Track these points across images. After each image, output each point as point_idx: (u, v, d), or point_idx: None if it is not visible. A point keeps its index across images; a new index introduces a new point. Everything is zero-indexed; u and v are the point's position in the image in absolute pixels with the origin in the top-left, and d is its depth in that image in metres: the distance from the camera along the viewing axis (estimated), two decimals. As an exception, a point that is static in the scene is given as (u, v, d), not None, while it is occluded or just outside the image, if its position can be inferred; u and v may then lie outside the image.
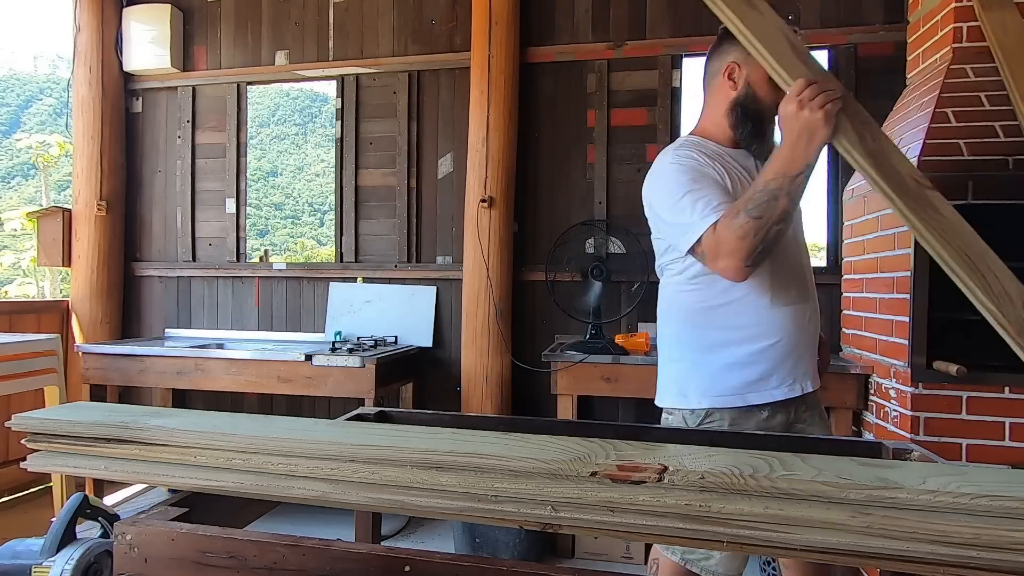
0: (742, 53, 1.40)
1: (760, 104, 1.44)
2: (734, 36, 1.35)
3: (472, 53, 3.14)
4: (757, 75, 1.41)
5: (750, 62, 1.40)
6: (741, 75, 1.46)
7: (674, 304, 1.53)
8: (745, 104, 1.46)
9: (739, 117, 1.47)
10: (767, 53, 1.25)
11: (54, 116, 19.30)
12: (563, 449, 0.88)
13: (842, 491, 0.74)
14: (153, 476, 0.99)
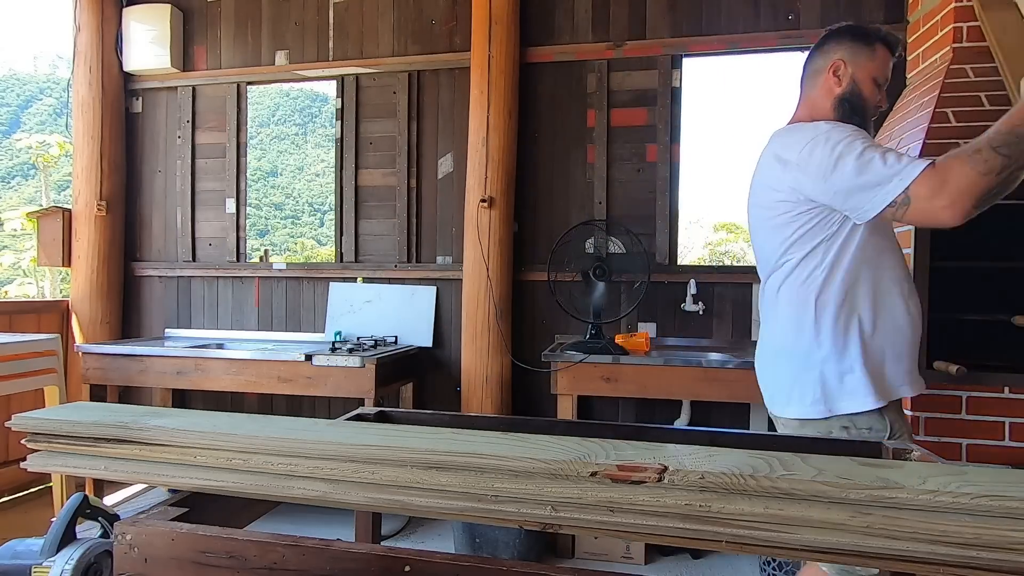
0: (848, 51, 1.52)
1: (863, 100, 1.52)
2: (839, 35, 1.54)
3: (472, 53, 3.14)
4: (862, 73, 1.51)
5: (856, 61, 1.51)
6: (847, 72, 1.52)
7: (817, 298, 1.45)
8: (851, 99, 1.52)
9: (846, 111, 1.52)
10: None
11: (54, 116, 19.30)
12: (563, 449, 0.88)
13: (842, 491, 0.73)
14: (153, 476, 0.99)
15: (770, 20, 3.00)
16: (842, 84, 1.53)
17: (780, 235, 1.49)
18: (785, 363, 1.51)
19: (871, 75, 1.50)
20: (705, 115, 9.82)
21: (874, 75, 1.51)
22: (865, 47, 1.52)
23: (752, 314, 3.02)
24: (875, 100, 1.52)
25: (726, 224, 13.26)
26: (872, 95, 1.52)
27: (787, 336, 1.50)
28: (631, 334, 2.82)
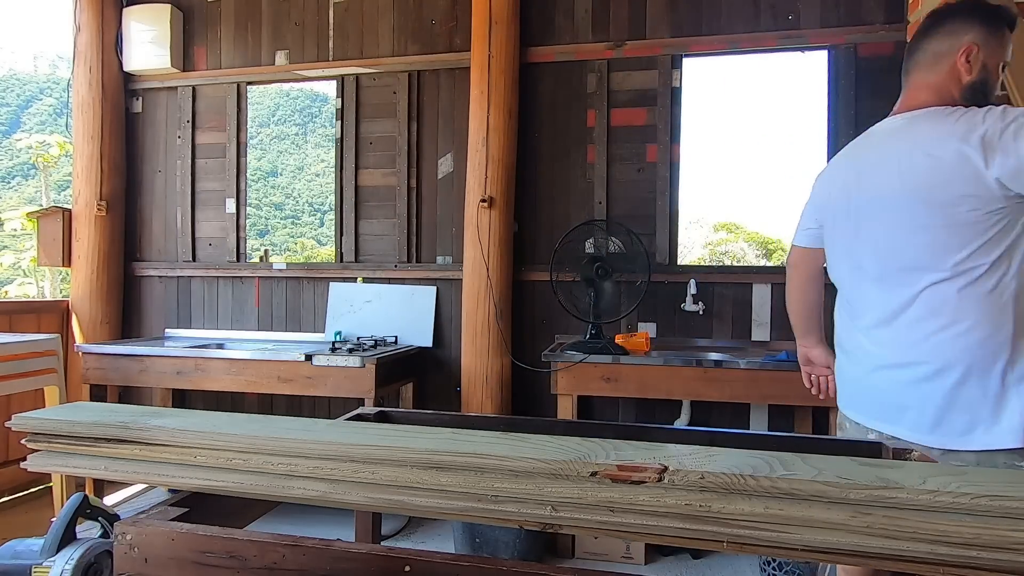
0: (980, 34, 1.37)
1: (990, 88, 1.40)
2: (968, 14, 1.37)
3: (472, 53, 3.14)
4: (993, 60, 1.38)
5: (989, 44, 1.37)
6: (979, 58, 1.38)
7: (1016, 310, 1.28)
8: (982, 87, 1.39)
9: (977, 99, 1.38)
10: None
11: (54, 116, 19.30)
12: (563, 449, 0.88)
13: (842, 491, 0.73)
14: (153, 476, 0.99)
15: (770, 20, 3.00)
16: (973, 71, 1.38)
17: (960, 236, 1.28)
18: (977, 384, 1.28)
19: (1000, 61, 1.38)
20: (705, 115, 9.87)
21: (1002, 62, 1.39)
22: (997, 31, 1.38)
23: (752, 314, 3.02)
24: (998, 88, 1.41)
25: (726, 224, 13.27)
26: (997, 83, 1.40)
27: (979, 352, 1.28)
28: (631, 334, 2.82)
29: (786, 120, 20.57)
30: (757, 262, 12.10)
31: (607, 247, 3.00)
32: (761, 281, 3.02)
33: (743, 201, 21.18)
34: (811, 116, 3.07)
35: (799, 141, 16.02)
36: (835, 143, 2.92)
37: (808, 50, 3.02)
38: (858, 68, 2.91)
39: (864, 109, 2.87)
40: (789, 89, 17.47)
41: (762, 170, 18.78)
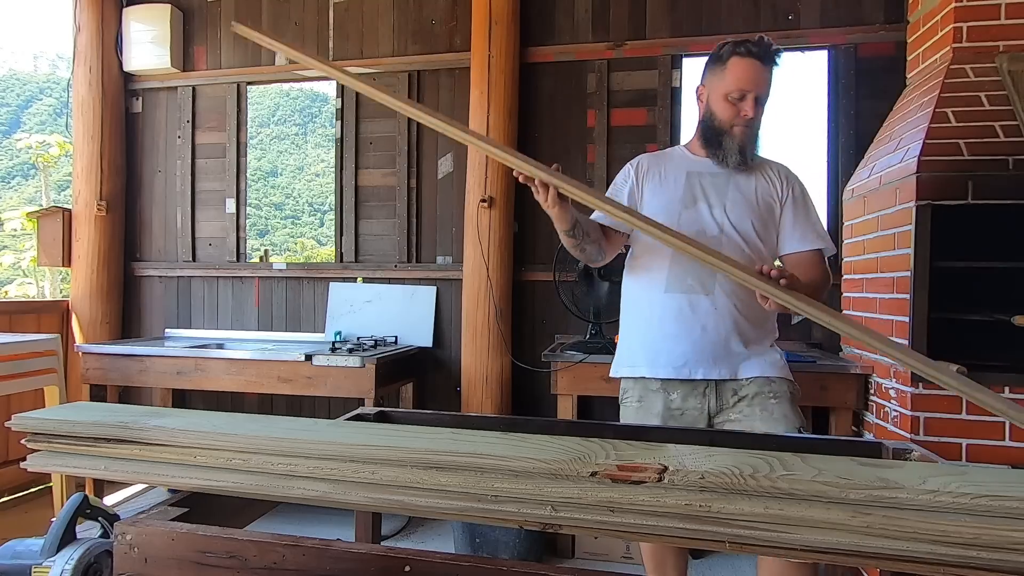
0: (706, 76, 1.70)
1: (715, 120, 1.67)
2: (710, 60, 1.68)
3: (472, 53, 3.14)
4: (714, 95, 1.67)
5: (710, 84, 1.68)
6: (704, 96, 1.72)
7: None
8: (706, 122, 1.71)
9: (702, 133, 1.73)
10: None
11: (54, 116, 19.29)
12: (563, 449, 0.88)
13: (842, 491, 0.74)
14: (153, 476, 0.99)
15: (770, 20, 3.00)
16: (701, 109, 1.73)
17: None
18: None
19: (722, 93, 1.63)
20: (705, 115, 9.72)
21: (725, 92, 1.63)
22: (717, 66, 1.66)
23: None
24: (730, 116, 1.64)
25: (726, 224, 13.23)
26: (725, 112, 1.64)
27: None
28: (631, 334, 2.82)
29: (786, 120, 20.50)
30: (757, 262, 12.07)
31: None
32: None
33: (743, 201, 21.08)
34: (811, 116, 3.07)
35: (799, 141, 15.97)
36: (835, 143, 2.92)
37: (808, 50, 3.01)
38: (858, 68, 2.91)
39: (864, 109, 2.87)
40: (789, 89, 17.43)
41: (762, 170, 18.64)
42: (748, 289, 1.51)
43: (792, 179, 1.73)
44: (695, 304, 1.63)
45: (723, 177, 1.69)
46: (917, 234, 2.07)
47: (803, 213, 1.71)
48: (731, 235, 1.64)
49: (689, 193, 1.69)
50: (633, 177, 1.79)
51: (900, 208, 2.18)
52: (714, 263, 1.35)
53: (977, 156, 2.06)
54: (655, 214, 1.63)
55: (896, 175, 2.21)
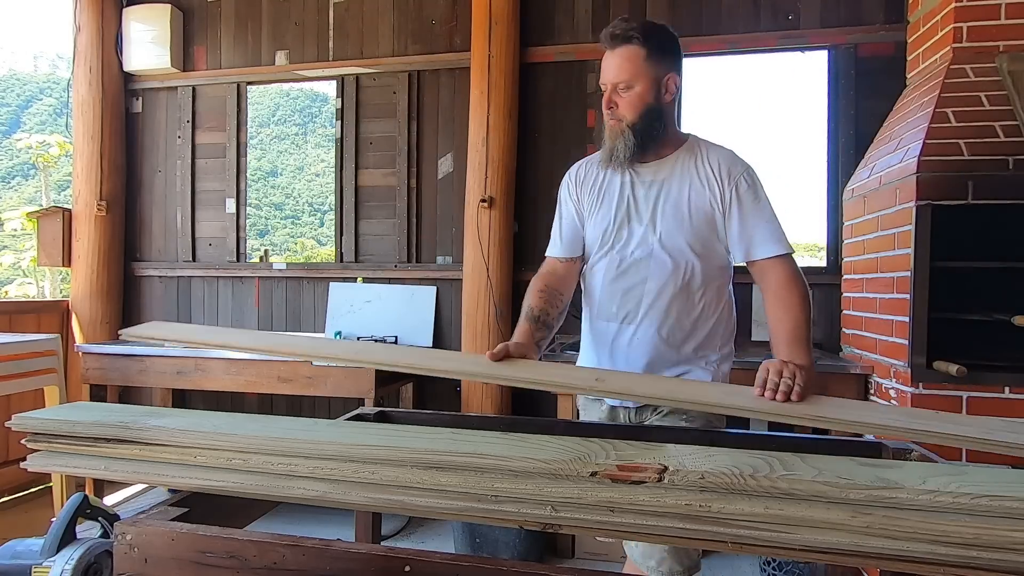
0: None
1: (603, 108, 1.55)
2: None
3: (472, 53, 3.14)
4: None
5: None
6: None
7: None
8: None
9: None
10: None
11: (54, 116, 19.29)
12: (563, 449, 0.88)
13: (842, 491, 0.74)
14: (153, 476, 0.99)
15: (770, 20, 3.00)
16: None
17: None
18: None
19: (602, 82, 1.53)
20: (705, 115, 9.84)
21: (600, 82, 1.54)
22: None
23: (752, 314, 3.02)
24: (605, 106, 1.51)
25: (726, 224, 13.24)
26: (605, 101, 1.52)
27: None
28: (631, 334, 2.82)
29: (786, 120, 20.53)
30: (757, 262, 12.07)
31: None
32: (761, 281, 3.02)
33: (743, 201, 21.08)
34: (811, 116, 3.07)
35: (799, 141, 15.97)
36: (835, 143, 2.92)
37: (808, 50, 3.01)
38: (858, 68, 2.91)
39: (864, 109, 2.87)
40: (789, 89, 17.44)
41: (762, 170, 18.71)
42: (675, 315, 1.48)
43: (736, 174, 1.49)
44: (619, 333, 1.54)
45: (654, 188, 1.51)
46: (917, 234, 2.07)
47: (751, 216, 1.47)
48: (661, 258, 1.49)
49: (622, 210, 1.54)
50: (576, 196, 1.64)
51: (900, 208, 2.18)
52: (718, 406, 1.26)
53: (977, 156, 2.06)
54: (594, 241, 1.58)
55: (896, 175, 2.21)
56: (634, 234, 1.52)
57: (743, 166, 1.51)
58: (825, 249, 2.98)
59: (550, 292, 1.59)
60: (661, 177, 1.51)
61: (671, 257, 1.49)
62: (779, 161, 17.80)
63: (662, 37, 1.51)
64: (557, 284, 1.62)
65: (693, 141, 1.55)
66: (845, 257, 2.76)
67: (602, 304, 1.57)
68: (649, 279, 1.50)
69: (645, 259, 1.50)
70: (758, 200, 1.48)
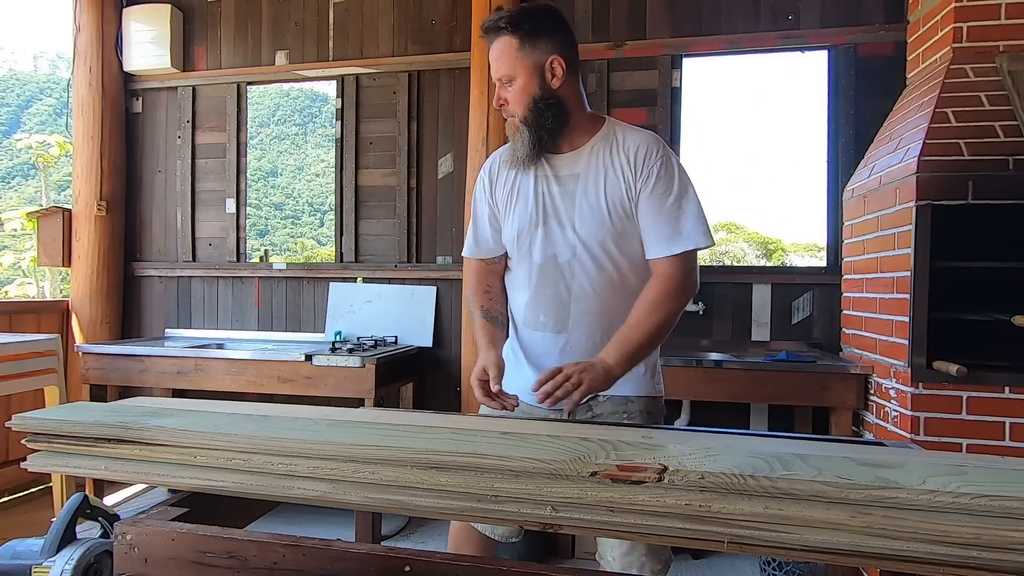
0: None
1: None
2: None
3: (472, 53, 3.13)
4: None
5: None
6: None
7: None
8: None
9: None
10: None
11: (54, 116, 19.30)
12: (563, 449, 0.88)
13: (842, 491, 0.73)
14: (153, 476, 0.99)
15: (770, 20, 3.00)
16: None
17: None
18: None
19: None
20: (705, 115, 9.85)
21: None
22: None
23: (752, 314, 3.02)
24: (495, 104, 1.42)
25: (726, 224, 13.26)
26: (495, 100, 1.43)
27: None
28: (631, 334, 2.82)
29: (786, 120, 20.54)
30: (757, 262, 12.09)
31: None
32: (761, 281, 3.02)
33: (743, 201, 21.18)
34: (811, 116, 3.07)
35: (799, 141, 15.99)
36: (835, 143, 2.92)
37: (808, 50, 3.01)
38: (858, 68, 2.91)
39: (864, 109, 2.87)
40: (789, 89, 17.45)
41: (762, 170, 18.78)
42: (606, 323, 1.39)
43: (651, 162, 1.36)
44: (549, 343, 1.44)
45: (570, 183, 1.40)
46: (917, 234, 2.07)
47: (653, 211, 1.36)
48: (585, 260, 1.39)
49: (538, 209, 1.42)
50: (489, 193, 1.52)
51: (900, 208, 2.18)
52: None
53: (977, 156, 2.06)
54: (511, 242, 1.48)
55: (896, 175, 2.21)
56: (553, 235, 1.41)
57: (658, 154, 1.37)
58: (825, 249, 2.98)
59: (492, 291, 1.54)
60: (577, 170, 1.40)
61: (596, 259, 1.39)
62: (779, 161, 17.73)
63: (534, 20, 1.36)
64: (496, 283, 1.56)
65: (609, 126, 1.42)
66: (845, 257, 2.76)
67: (528, 313, 1.46)
68: (575, 284, 1.40)
69: (568, 262, 1.40)
70: (666, 193, 1.36)
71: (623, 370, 1.27)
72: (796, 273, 3.07)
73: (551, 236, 1.41)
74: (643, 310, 1.33)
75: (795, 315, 2.98)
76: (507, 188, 1.47)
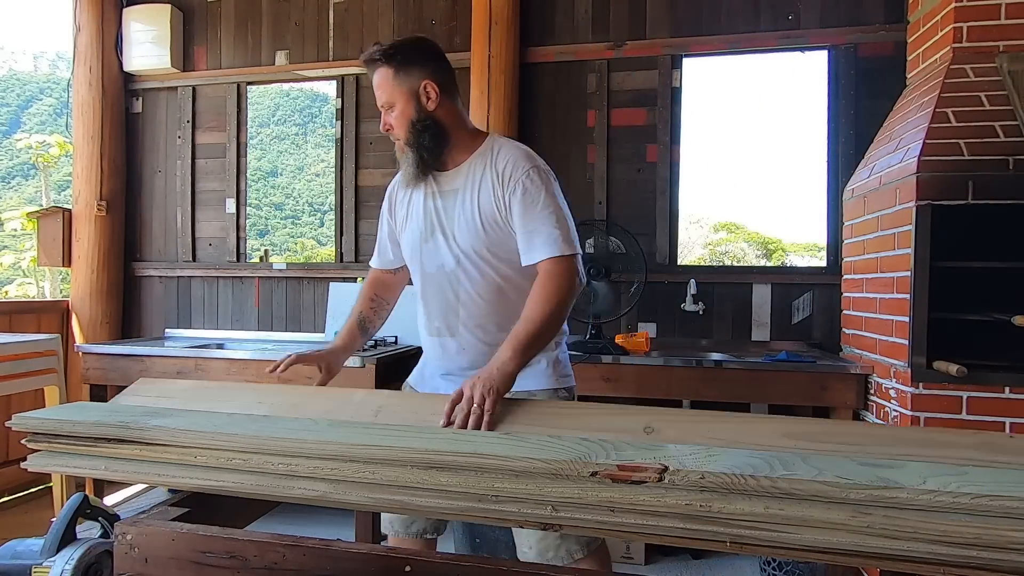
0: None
1: None
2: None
3: (472, 53, 3.14)
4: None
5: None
6: None
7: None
8: None
9: None
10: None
11: (54, 116, 19.29)
12: (563, 449, 0.88)
13: (842, 491, 0.74)
14: (154, 476, 0.99)
15: (770, 20, 3.00)
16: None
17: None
18: None
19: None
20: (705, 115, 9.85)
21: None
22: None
23: (752, 314, 3.02)
24: (382, 129, 1.56)
25: (726, 224, 13.25)
26: (381, 126, 1.56)
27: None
28: (631, 334, 2.82)
29: (786, 120, 20.54)
30: (757, 262, 12.09)
31: (607, 247, 2.99)
32: (761, 281, 3.02)
33: (743, 201, 21.16)
34: (811, 116, 3.07)
35: (799, 141, 15.99)
36: (835, 143, 2.92)
37: (808, 50, 3.01)
38: (858, 68, 2.91)
39: (864, 109, 2.87)
40: (789, 89, 17.45)
41: (762, 170, 18.77)
42: (495, 320, 1.50)
43: (518, 174, 1.45)
44: (446, 346, 1.60)
45: (451, 197, 1.51)
46: (917, 234, 2.07)
47: (524, 220, 1.44)
48: (466, 267, 1.50)
49: (427, 223, 1.54)
50: (391, 213, 1.66)
51: (900, 208, 2.18)
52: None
53: (977, 156, 2.06)
54: (408, 256, 1.64)
55: (896, 175, 2.21)
56: (439, 247, 1.53)
57: (525, 168, 1.46)
58: (825, 249, 2.98)
59: (379, 302, 1.73)
60: (456, 186, 1.51)
61: (475, 266, 1.50)
62: (779, 161, 17.80)
63: (406, 50, 1.51)
64: (385, 294, 1.75)
65: (488, 143, 1.53)
66: (845, 257, 2.76)
67: (425, 320, 1.64)
68: (460, 291, 1.53)
69: (454, 271, 1.52)
70: (534, 204, 1.43)
71: (518, 363, 1.31)
72: (796, 273, 3.07)
73: (438, 248, 1.54)
74: (529, 308, 1.40)
75: (795, 315, 2.98)
76: (404, 206, 1.61)
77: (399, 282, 1.77)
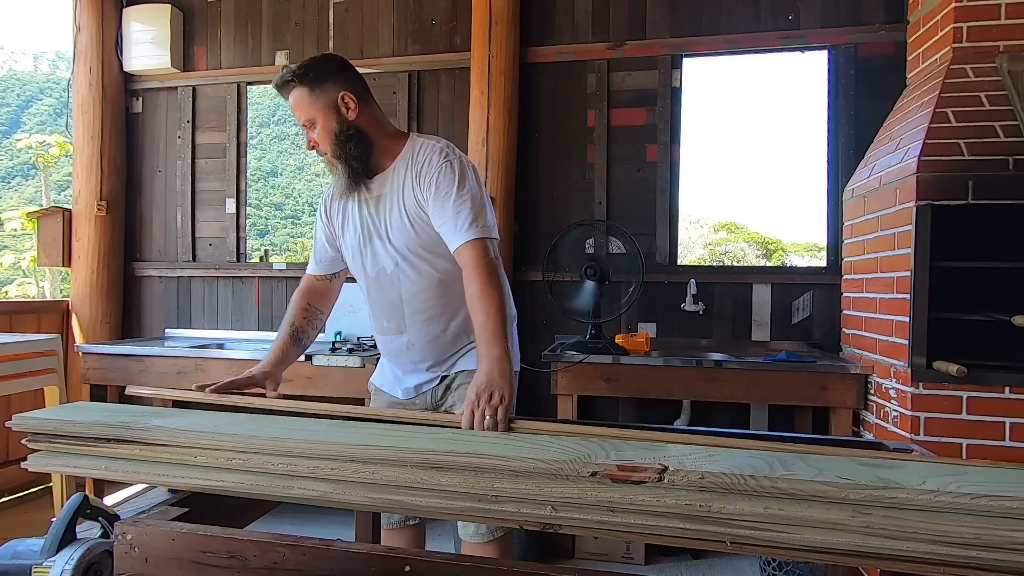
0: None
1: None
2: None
3: (472, 53, 3.14)
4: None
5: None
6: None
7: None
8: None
9: None
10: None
11: (54, 116, 19.29)
12: (563, 449, 0.88)
13: (842, 491, 0.74)
14: (154, 476, 0.99)
15: (770, 20, 3.00)
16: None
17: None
18: None
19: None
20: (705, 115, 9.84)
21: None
22: None
23: (752, 314, 3.02)
24: (308, 147, 1.57)
25: (726, 224, 13.25)
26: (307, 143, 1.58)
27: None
28: (631, 334, 2.82)
29: (786, 120, 20.52)
30: (757, 262, 12.10)
31: (607, 247, 3.00)
32: (761, 281, 3.02)
33: (743, 201, 21.14)
34: (811, 116, 3.07)
35: (799, 141, 15.99)
36: (835, 143, 2.92)
37: (808, 50, 3.01)
38: (858, 68, 2.91)
39: (864, 109, 2.87)
40: (789, 89, 17.44)
41: (762, 170, 18.74)
42: (439, 314, 1.58)
43: (432, 171, 1.50)
44: (395, 344, 1.66)
45: (382, 201, 1.56)
46: (917, 234, 2.07)
47: (443, 207, 1.48)
48: (404, 267, 1.56)
49: (364, 229, 1.60)
50: (327, 219, 1.69)
51: (900, 208, 2.18)
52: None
53: (977, 156, 2.06)
54: (350, 261, 1.68)
55: (896, 175, 2.21)
56: (377, 250, 1.59)
57: (439, 164, 1.50)
58: (825, 249, 2.98)
59: (311, 311, 1.74)
60: (384, 191, 1.56)
61: (411, 265, 1.56)
62: (779, 161, 17.79)
63: (316, 67, 1.51)
64: (318, 302, 1.77)
65: (409, 145, 1.56)
66: (845, 257, 2.76)
67: (375, 321, 1.71)
68: (403, 289, 1.59)
69: (394, 271, 1.58)
70: (448, 197, 1.47)
71: (505, 351, 1.34)
72: (796, 273, 3.07)
73: (376, 251, 1.59)
74: (475, 301, 1.43)
75: (795, 315, 2.98)
76: (340, 215, 1.65)
77: (333, 290, 1.81)
